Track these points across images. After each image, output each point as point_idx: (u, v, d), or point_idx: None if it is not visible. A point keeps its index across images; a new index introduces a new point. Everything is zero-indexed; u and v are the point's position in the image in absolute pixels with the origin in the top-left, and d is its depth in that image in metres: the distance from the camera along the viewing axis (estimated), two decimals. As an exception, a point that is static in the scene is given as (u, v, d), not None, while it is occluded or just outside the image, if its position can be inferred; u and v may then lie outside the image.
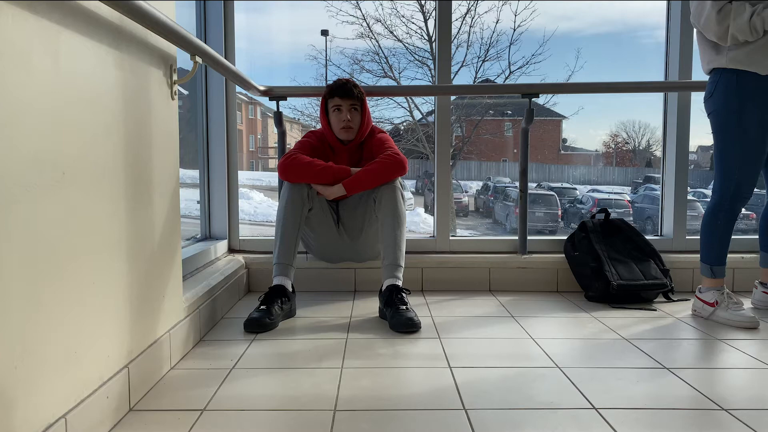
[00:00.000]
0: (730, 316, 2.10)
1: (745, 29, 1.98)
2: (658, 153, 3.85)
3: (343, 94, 2.33)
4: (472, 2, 7.98)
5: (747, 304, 2.37)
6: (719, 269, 2.20)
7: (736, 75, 2.07)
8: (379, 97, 6.74)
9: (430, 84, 6.01)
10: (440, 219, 2.81)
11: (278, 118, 2.73)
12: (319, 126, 2.49)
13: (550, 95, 7.89)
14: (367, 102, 2.42)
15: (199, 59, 1.74)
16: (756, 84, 2.05)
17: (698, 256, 2.26)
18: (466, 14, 8.00)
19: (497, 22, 8.27)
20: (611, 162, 13.08)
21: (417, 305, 2.35)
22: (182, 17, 2.34)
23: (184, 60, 1.75)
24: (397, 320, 2.02)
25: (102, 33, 1.25)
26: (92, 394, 1.19)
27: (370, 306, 2.38)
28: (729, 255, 2.43)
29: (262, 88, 2.60)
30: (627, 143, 13.88)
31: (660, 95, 2.90)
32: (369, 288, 2.64)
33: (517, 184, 2.79)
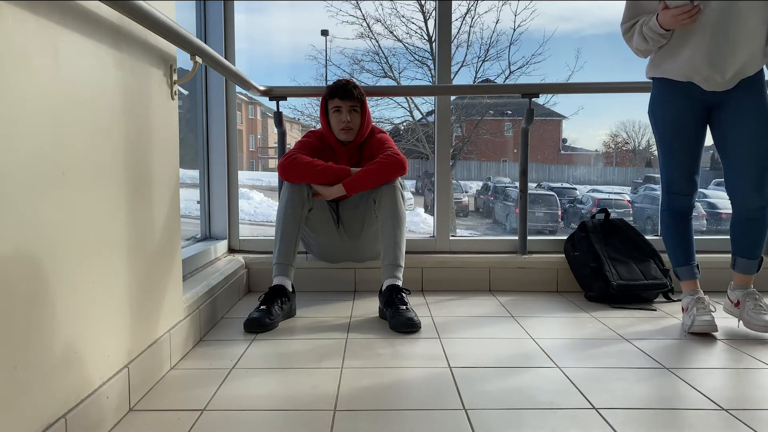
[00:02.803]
0: (687, 320, 2.03)
1: (639, 42, 2.02)
2: (658, 153, 3.84)
3: (343, 95, 2.33)
4: (472, 2, 7.98)
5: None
6: (680, 271, 2.12)
7: (652, 82, 2.13)
8: (379, 97, 6.74)
9: (430, 84, 6.00)
10: (440, 219, 2.81)
11: (278, 118, 2.73)
12: (319, 126, 2.49)
13: (550, 95, 7.89)
14: (367, 102, 2.42)
15: (199, 59, 1.74)
16: (659, 89, 2.07)
17: (698, 256, 2.25)
18: (466, 14, 8.00)
19: (497, 22, 8.27)
20: (611, 162, 13.10)
21: (417, 305, 2.35)
22: (182, 17, 2.34)
23: (184, 60, 1.75)
24: (397, 320, 2.02)
25: (102, 33, 1.25)
26: (92, 394, 1.19)
27: (370, 306, 2.37)
28: (722, 255, 2.42)
29: (262, 88, 2.60)
30: (627, 143, 13.90)
31: (660, 95, 2.89)
32: (369, 288, 2.64)
33: (517, 184, 2.79)
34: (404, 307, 2.09)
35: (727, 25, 1.90)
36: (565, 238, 2.71)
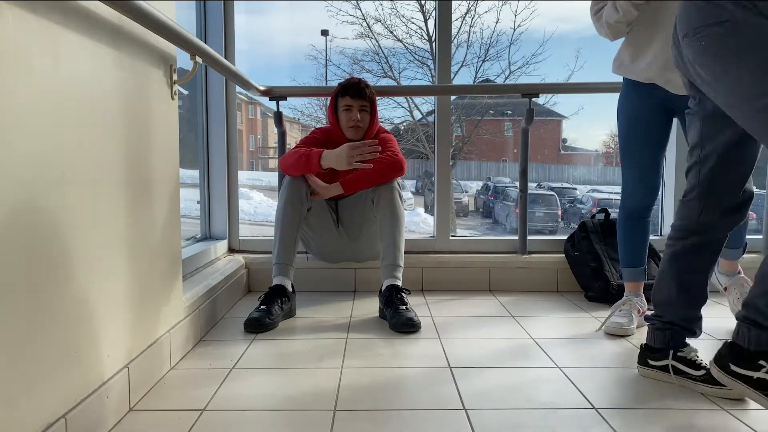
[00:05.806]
0: (606, 321, 2.04)
1: (610, 11, 1.94)
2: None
3: (354, 95, 2.33)
4: (472, 2, 7.99)
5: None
6: (623, 271, 2.13)
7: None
8: (379, 97, 6.75)
9: (430, 84, 6.01)
10: (440, 219, 2.81)
11: (278, 118, 2.74)
12: (318, 126, 2.49)
13: (550, 95, 7.89)
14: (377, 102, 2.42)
15: (199, 59, 1.74)
16: (624, 87, 2.05)
17: None
18: (466, 14, 8.00)
19: (497, 22, 8.28)
20: (611, 162, 13.09)
21: (417, 305, 2.35)
22: (182, 17, 2.34)
23: (184, 60, 1.75)
24: (397, 320, 2.02)
25: (102, 33, 1.25)
26: (92, 394, 1.19)
27: (370, 306, 2.38)
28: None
29: (262, 88, 2.60)
30: (627, 143, 13.84)
31: (660, 95, 2.89)
32: (369, 288, 2.64)
33: (517, 184, 2.79)
34: (404, 307, 2.09)
35: None
36: (565, 238, 2.71)
